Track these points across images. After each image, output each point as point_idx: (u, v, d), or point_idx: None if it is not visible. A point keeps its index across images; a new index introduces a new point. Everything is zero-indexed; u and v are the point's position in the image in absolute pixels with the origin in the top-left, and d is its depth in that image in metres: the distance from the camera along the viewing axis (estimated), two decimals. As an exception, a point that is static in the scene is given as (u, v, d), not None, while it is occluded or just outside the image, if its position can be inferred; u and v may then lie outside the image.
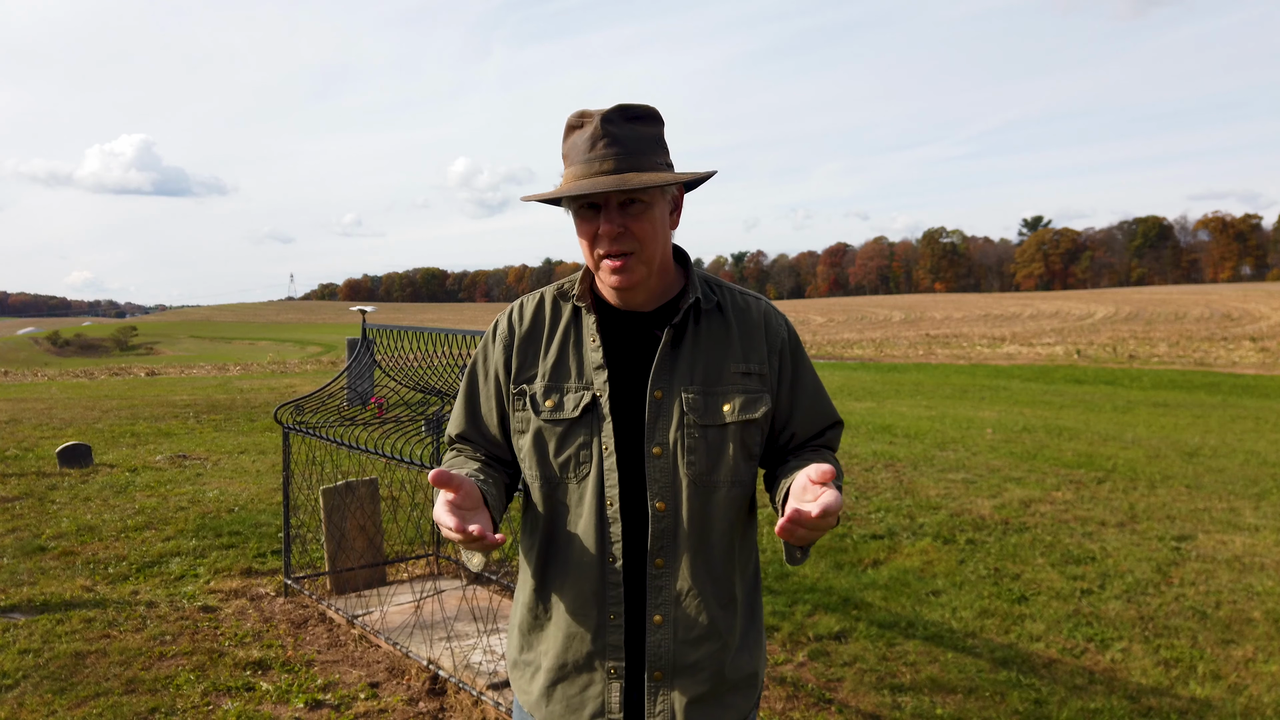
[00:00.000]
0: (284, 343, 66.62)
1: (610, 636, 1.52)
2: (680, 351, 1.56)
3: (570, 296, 1.63)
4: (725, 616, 1.57)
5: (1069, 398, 15.71)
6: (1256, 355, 26.93)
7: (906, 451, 9.26)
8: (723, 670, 1.56)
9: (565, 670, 1.55)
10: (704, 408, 1.54)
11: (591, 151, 1.48)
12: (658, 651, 1.52)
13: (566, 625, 1.55)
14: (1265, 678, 3.87)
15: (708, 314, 1.60)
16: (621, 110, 1.51)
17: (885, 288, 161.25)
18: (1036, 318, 58.63)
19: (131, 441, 9.97)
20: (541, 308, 1.65)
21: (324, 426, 4.71)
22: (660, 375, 1.54)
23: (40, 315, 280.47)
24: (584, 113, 1.53)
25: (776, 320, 1.65)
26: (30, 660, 3.91)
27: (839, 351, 34.50)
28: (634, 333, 1.58)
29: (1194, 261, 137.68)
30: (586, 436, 1.53)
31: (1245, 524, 6.30)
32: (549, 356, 1.59)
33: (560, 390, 1.56)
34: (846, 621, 4.48)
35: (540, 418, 1.56)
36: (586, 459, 1.53)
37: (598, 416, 1.53)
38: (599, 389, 1.54)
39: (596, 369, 1.55)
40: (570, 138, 1.54)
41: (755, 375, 1.58)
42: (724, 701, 1.57)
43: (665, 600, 1.52)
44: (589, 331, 1.58)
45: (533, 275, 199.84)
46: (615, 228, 1.48)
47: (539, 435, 1.56)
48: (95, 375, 24.50)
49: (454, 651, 3.87)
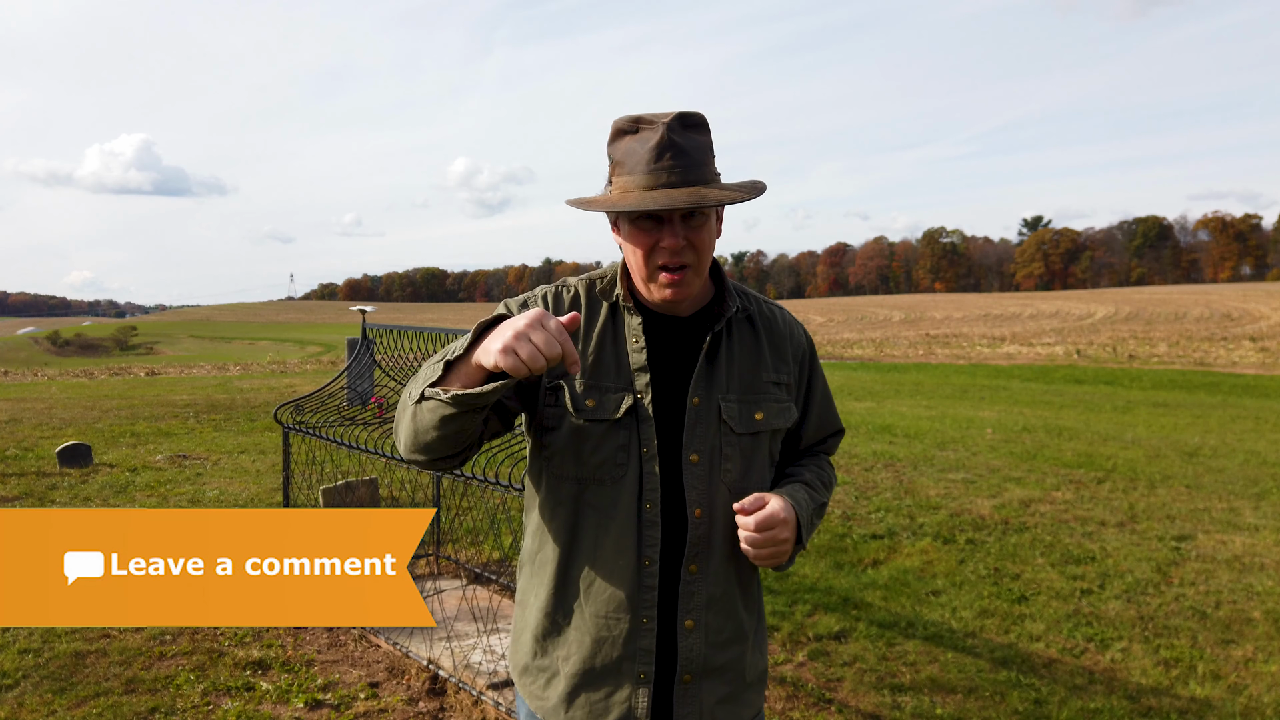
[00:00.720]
0: (284, 342, 66.63)
1: (642, 641, 1.50)
2: (717, 360, 1.56)
3: (612, 295, 1.59)
4: (750, 619, 1.59)
5: (1069, 398, 15.71)
6: (1256, 355, 26.93)
7: (906, 451, 9.26)
8: (743, 670, 1.58)
9: (591, 676, 1.52)
10: (740, 416, 1.55)
11: (658, 163, 1.44)
12: (690, 655, 1.51)
13: (595, 630, 1.51)
14: (1265, 677, 3.87)
15: (739, 323, 1.61)
16: (682, 118, 1.48)
17: (885, 288, 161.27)
18: (1036, 318, 58.63)
19: (131, 441, 9.97)
20: (578, 301, 1.60)
21: (324, 426, 4.71)
22: (700, 382, 1.54)
23: (40, 315, 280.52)
24: (640, 118, 1.49)
25: (799, 331, 1.69)
26: (30, 660, 3.91)
27: (839, 351, 34.50)
28: (673, 337, 1.57)
29: (1194, 261, 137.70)
30: (625, 439, 1.51)
31: (1245, 524, 6.30)
32: (588, 354, 1.55)
33: (600, 389, 1.53)
34: (846, 621, 4.48)
35: (580, 416, 1.52)
36: (623, 460, 1.51)
37: (640, 419, 1.51)
38: (641, 390, 1.52)
39: (639, 370, 1.53)
40: (623, 143, 1.50)
41: (784, 385, 1.62)
42: (742, 699, 1.59)
43: (697, 605, 1.51)
44: (632, 332, 1.56)
45: (533, 275, 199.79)
46: (679, 241, 1.47)
47: (577, 434, 1.52)
48: (95, 375, 24.50)
49: (454, 651, 3.87)
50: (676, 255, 1.47)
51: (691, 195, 1.42)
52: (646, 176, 1.45)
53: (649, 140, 1.46)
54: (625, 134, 1.50)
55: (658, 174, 1.44)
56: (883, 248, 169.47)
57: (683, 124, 1.48)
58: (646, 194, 1.44)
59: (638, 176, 1.46)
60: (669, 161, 1.44)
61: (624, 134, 1.50)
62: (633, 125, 1.49)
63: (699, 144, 1.48)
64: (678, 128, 1.47)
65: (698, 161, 1.46)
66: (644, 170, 1.45)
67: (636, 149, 1.47)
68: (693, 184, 1.44)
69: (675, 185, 1.44)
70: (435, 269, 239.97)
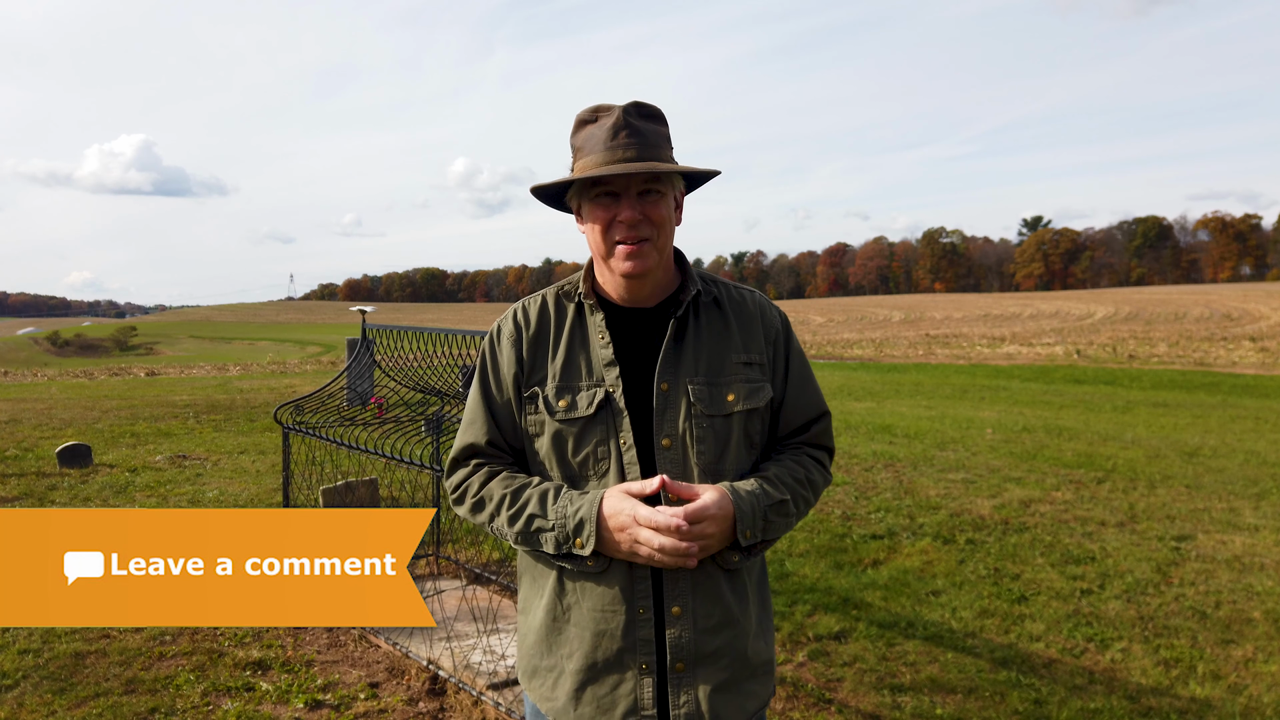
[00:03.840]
0: (284, 343, 66.64)
1: (641, 631, 1.52)
2: (684, 344, 1.59)
3: (574, 296, 1.64)
4: (739, 603, 1.59)
5: (1069, 398, 15.71)
6: (1256, 355, 26.92)
7: (906, 451, 9.26)
8: (745, 655, 1.58)
9: (595, 671, 1.54)
10: (709, 398, 1.57)
11: (614, 140, 1.51)
12: (679, 642, 1.52)
13: (594, 624, 1.54)
14: (1265, 678, 3.87)
15: (706, 307, 1.64)
16: (638, 106, 1.56)
17: (885, 288, 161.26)
18: (1036, 318, 58.64)
19: (131, 442, 9.97)
20: (545, 309, 1.65)
21: (324, 426, 4.71)
22: (666, 368, 1.57)
23: (40, 315, 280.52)
24: (599, 107, 1.57)
25: (771, 310, 1.69)
26: (30, 660, 3.91)
27: (839, 351, 34.50)
28: (639, 328, 1.61)
29: (1194, 261, 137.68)
30: (603, 433, 1.55)
31: (1245, 524, 6.30)
32: (558, 357, 1.60)
33: (573, 390, 1.57)
34: (846, 621, 4.48)
35: (555, 419, 1.57)
36: (605, 455, 1.55)
37: (613, 412, 1.55)
38: (611, 385, 1.56)
39: (607, 365, 1.57)
40: (584, 130, 1.57)
41: (755, 365, 1.63)
42: (744, 689, 1.58)
43: (683, 590, 1.53)
44: (597, 329, 1.60)
45: (533, 275, 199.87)
46: (635, 214, 1.52)
47: (557, 436, 1.57)
48: (95, 375, 24.50)
49: (454, 651, 3.87)
50: (634, 229, 1.53)
51: (643, 165, 1.49)
52: (603, 154, 1.52)
53: (605, 124, 1.54)
54: (586, 123, 1.57)
55: (613, 150, 1.52)
56: (882, 248, 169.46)
57: (639, 111, 1.56)
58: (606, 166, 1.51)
59: (596, 155, 1.53)
60: (624, 139, 1.52)
61: (585, 124, 1.58)
62: (592, 115, 1.57)
63: (654, 130, 1.56)
64: (634, 112, 1.55)
65: (653, 143, 1.54)
66: (601, 149, 1.53)
67: (595, 133, 1.55)
68: (647, 160, 1.52)
69: (630, 160, 1.51)
70: (435, 269, 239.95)
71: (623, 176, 1.51)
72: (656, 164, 1.50)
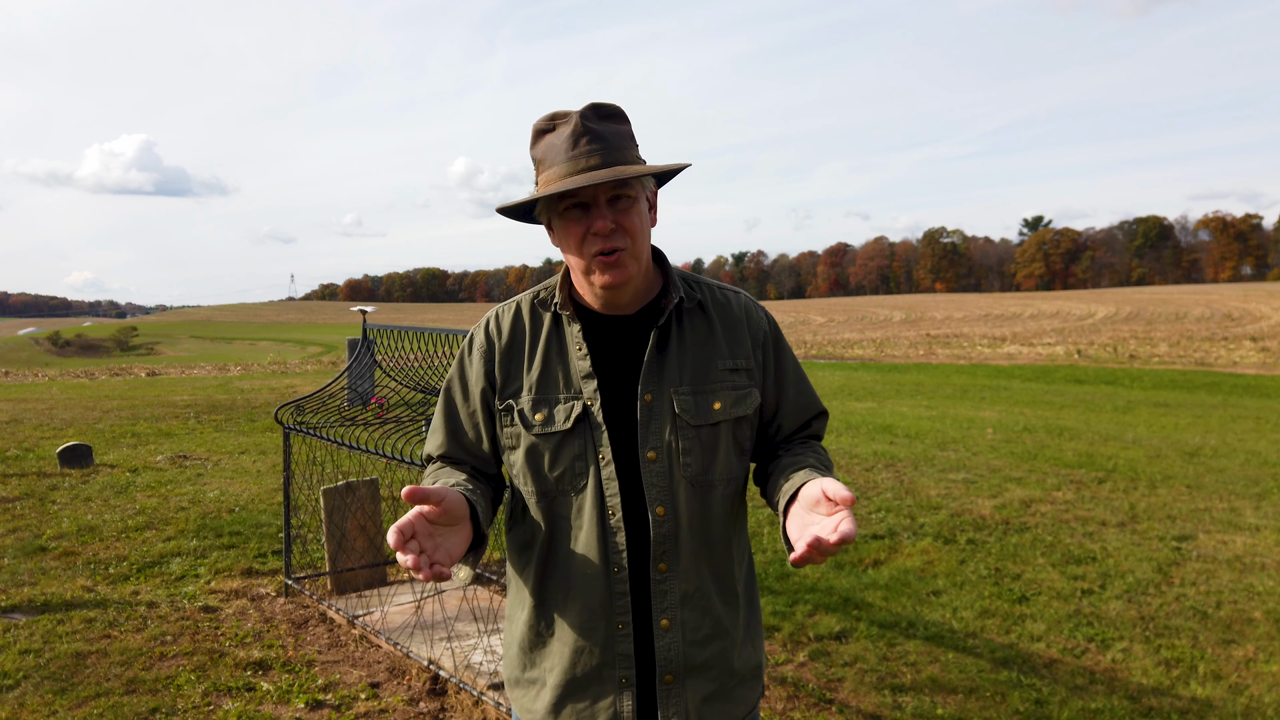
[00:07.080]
0: (284, 343, 66.63)
1: (620, 646, 1.50)
2: (667, 353, 1.54)
3: (550, 304, 1.58)
4: (729, 613, 1.56)
5: (1069, 398, 15.70)
6: (1257, 355, 26.90)
7: (907, 451, 9.26)
8: (731, 665, 1.55)
9: (574, 685, 1.52)
10: (695, 408, 1.51)
11: (575, 149, 1.44)
12: (668, 655, 1.50)
13: (574, 639, 1.51)
14: (1266, 678, 3.87)
15: (690, 313, 1.58)
16: (596, 108, 1.49)
17: (886, 288, 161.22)
18: (1037, 318, 58.60)
19: (132, 442, 9.97)
20: (520, 318, 1.59)
21: (324, 427, 4.71)
22: (649, 378, 1.51)
23: (41, 315, 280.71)
24: (555, 115, 1.50)
25: (757, 313, 1.63)
26: (31, 660, 3.92)
27: (839, 351, 34.49)
28: (619, 337, 1.55)
29: (1194, 261, 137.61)
30: (581, 447, 1.50)
31: (1246, 524, 6.29)
32: (533, 369, 1.55)
33: (549, 402, 1.52)
34: (847, 621, 4.48)
35: (531, 432, 1.52)
36: (583, 470, 1.50)
37: (591, 425, 1.50)
38: (589, 398, 1.50)
39: (585, 377, 1.52)
40: (543, 140, 1.50)
41: (743, 370, 1.57)
42: (732, 696, 1.56)
43: (671, 604, 1.50)
44: (574, 340, 1.54)
45: (533, 275, 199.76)
46: (608, 224, 1.45)
47: (532, 450, 1.52)
48: (96, 375, 24.51)
49: (454, 651, 3.87)
50: (609, 239, 1.46)
51: (609, 172, 1.42)
52: (565, 165, 1.45)
53: (564, 132, 1.46)
54: (544, 133, 1.50)
55: (576, 160, 1.44)
56: (883, 248, 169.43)
57: (598, 114, 1.48)
58: (570, 178, 1.44)
59: (558, 167, 1.46)
60: (585, 146, 1.44)
61: (543, 133, 1.51)
62: (549, 123, 1.50)
63: (616, 130, 1.49)
64: (592, 116, 1.47)
65: (615, 146, 1.47)
66: (563, 159, 1.46)
67: (554, 142, 1.47)
68: (612, 165, 1.45)
69: (594, 168, 1.44)
70: (436, 269, 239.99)
71: (590, 187, 1.43)
72: (623, 169, 1.43)
